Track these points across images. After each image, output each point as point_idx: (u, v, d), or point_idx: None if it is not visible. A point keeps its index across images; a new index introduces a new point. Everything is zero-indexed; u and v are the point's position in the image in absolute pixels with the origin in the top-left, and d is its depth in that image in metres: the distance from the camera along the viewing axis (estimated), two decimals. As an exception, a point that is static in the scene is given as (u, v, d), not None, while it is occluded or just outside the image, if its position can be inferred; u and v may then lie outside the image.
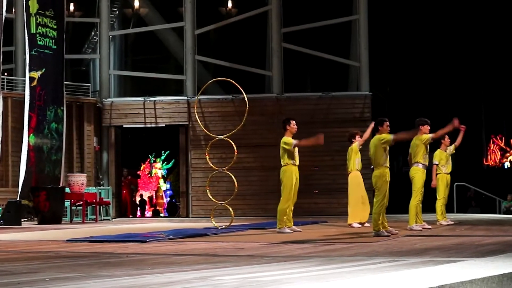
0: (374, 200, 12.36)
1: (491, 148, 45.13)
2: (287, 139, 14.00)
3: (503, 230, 13.47)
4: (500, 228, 14.19)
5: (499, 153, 44.93)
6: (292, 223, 14.13)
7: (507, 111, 45.43)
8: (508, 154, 44.70)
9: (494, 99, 44.97)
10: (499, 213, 25.92)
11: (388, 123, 12.63)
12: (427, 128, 14.58)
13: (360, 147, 16.12)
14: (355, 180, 15.98)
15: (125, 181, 29.57)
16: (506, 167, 44.17)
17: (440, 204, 16.32)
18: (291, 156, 14.01)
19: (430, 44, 41.65)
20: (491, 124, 45.77)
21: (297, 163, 14.25)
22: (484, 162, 44.87)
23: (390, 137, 12.39)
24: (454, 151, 16.79)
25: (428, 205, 17.51)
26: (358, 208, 15.86)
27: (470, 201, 29.76)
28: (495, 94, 44.72)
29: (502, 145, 44.92)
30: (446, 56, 42.40)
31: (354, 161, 15.90)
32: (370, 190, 16.78)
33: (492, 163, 44.77)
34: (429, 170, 14.73)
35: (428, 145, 14.53)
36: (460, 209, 25.20)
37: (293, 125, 14.09)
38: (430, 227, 14.44)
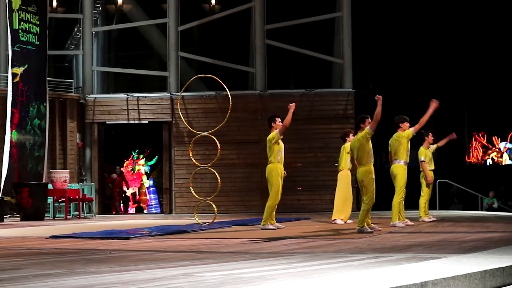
0: (364, 197, 12.36)
1: (473, 145, 45.32)
2: (272, 135, 13.93)
3: (485, 227, 13.54)
4: (482, 225, 14.27)
5: (481, 150, 45.13)
6: (275, 220, 14.14)
7: (489, 109, 45.65)
8: (490, 151, 44.91)
9: (476, 96, 45.17)
10: (481, 210, 26.05)
11: (370, 119, 12.67)
12: (406, 125, 14.62)
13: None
14: (345, 178, 16.01)
15: (119, 179, 28.72)
16: (488, 164, 44.37)
17: (423, 200, 16.37)
18: (276, 153, 13.91)
19: (413, 41, 41.78)
20: (474, 121, 45.97)
21: (282, 160, 14.17)
22: (467, 159, 45.06)
23: (367, 129, 12.45)
24: (435, 151, 16.90)
25: (411, 201, 17.57)
26: (345, 205, 15.89)
27: (452, 198, 29.88)
28: (478, 92, 44.92)
29: (484, 142, 45.11)
30: (429, 53, 42.55)
31: (346, 159, 15.91)
32: (353, 187, 16.84)
33: (474, 160, 44.96)
34: (410, 167, 14.76)
35: (409, 142, 14.58)
36: (442, 206, 25.29)
37: (278, 122, 14.09)
38: (412, 223, 14.48)
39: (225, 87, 15.77)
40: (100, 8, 27.04)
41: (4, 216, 19.58)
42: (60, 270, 6.83)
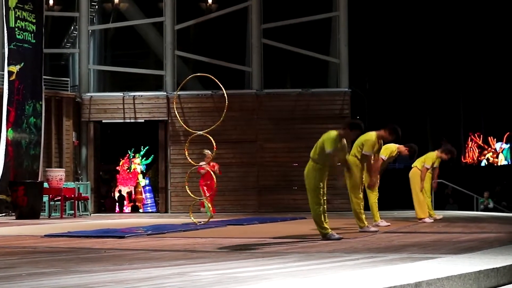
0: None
1: (469, 145, 45.39)
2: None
3: (480, 227, 13.54)
4: (477, 225, 14.27)
5: (477, 150, 45.21)
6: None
7: (486, 109, 45.72)
8: (486, 151, 44.98)
9: (472, 96, 45.24)
10: (477, 210, 26.07)
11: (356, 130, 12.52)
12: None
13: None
14: (418, 175, 15.95)
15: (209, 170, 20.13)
16: (483, 164, 44.44)
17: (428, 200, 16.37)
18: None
19: (409, 41, 41.82)
20: (470, 121, 46.05)
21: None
22: (462, 159, 45.12)
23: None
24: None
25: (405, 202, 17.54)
26: (424, 203, 15.85)
27: (447, 198, 29.91)
28: (474, 92, 44.99)
29: (480, 142, 45.19)
30: (425, 54, 42.59)
31: (430, 161, 15.92)
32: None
33: (470, 160, 45.03)
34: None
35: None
36: (437, 206, 25.29)
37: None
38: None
39: (221, 86, 15.75)
40: (96, 6, 27.03)
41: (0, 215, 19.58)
42: (55, 269, 6.83)
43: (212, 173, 16.80)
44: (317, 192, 10.54)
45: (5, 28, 21.42)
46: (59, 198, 21.18)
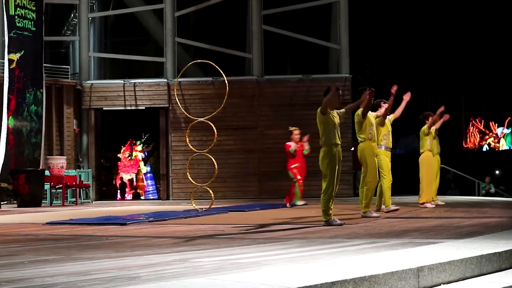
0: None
1: (470, 130, 45.39)
2: (359, 111, 12.59)
3: (482, 212, 13.55)
4: (479, 210, 14.27)
5: (478, 135, 45.20)
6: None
7: (487, 94, 45.68)
8: (487, 137, 44.97)
9: (473, 82, 45.19)
10: (478, 195, 26.08)
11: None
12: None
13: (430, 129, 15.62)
14: (426, 160, 15.90)
15: (299, 149, 17.46)
16: (485, 149, 44.43)
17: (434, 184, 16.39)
18: (365, 130, 12.61)
19: (410, 27, 41.73)
20: (471, 106, 46.02)
21: (375, 138, 12.83)
22: (464, 144, 45.12)
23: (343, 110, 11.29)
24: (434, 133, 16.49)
25: (409, 187, 17.51)
26: (429, 188, 15.82)
27: (449, 184, 29.92)
28: (475, 77, 44.93)
29: (481, 127, 45.17)
30: (426, 39, 42.51)
31: (426, 141, 15.84)
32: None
33: (471, 145, 45.03)
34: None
35: (386, 124, 14.08)
36: (439, 191, 25.26)
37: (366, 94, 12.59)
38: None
39: (222, 72, 15.74)
40: (96, -7, 26.98)
41: (1, 203, 19.59)
42: (57, 256, 6.84)
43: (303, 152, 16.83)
44: (331, 178, 10.43)
45: (5, 16, 21.38)
46: (61, 185, 21.21)
